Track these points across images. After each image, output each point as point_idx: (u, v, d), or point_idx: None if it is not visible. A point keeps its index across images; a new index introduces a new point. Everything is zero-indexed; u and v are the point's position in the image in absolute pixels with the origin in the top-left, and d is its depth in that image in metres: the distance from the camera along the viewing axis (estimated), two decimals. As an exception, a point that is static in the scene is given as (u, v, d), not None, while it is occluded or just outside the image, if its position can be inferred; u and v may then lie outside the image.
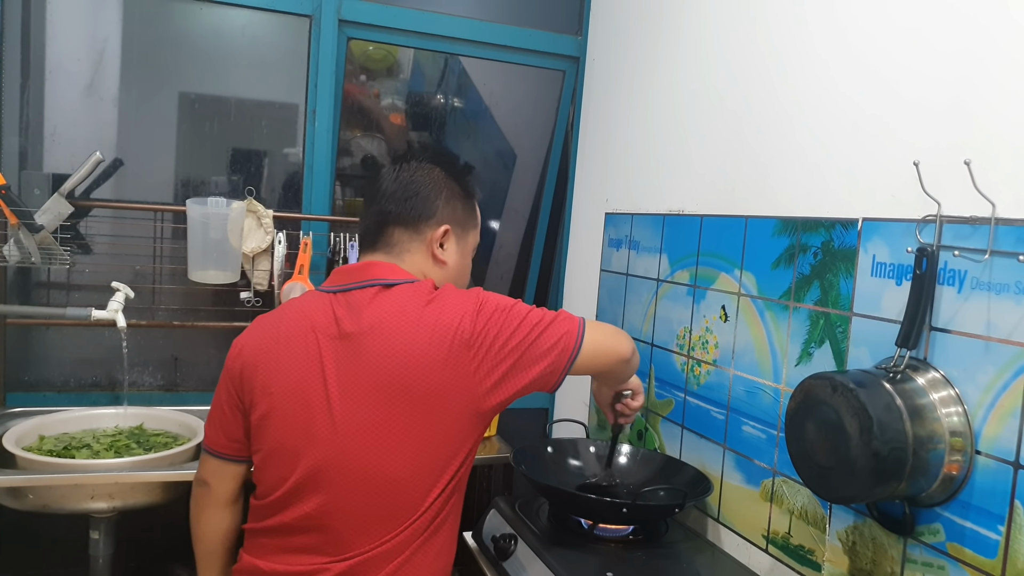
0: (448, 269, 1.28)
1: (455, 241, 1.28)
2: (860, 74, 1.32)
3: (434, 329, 1.14)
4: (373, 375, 1.13)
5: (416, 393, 1.13)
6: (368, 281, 1.20)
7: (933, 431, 1.08)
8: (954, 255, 1.10)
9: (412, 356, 1.13)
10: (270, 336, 1.21)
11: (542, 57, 2.50)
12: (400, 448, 1.14)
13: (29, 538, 2.08)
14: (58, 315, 1.94)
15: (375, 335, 1.14)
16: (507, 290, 2.84)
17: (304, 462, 1.16)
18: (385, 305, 1.16)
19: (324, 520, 1.16)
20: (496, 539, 1.58)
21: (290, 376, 1.17)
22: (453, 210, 1.27)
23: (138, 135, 2.19)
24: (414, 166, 1.26)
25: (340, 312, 1.17)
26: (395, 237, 1.25)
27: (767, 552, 1.48)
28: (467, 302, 1.18)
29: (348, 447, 1.14)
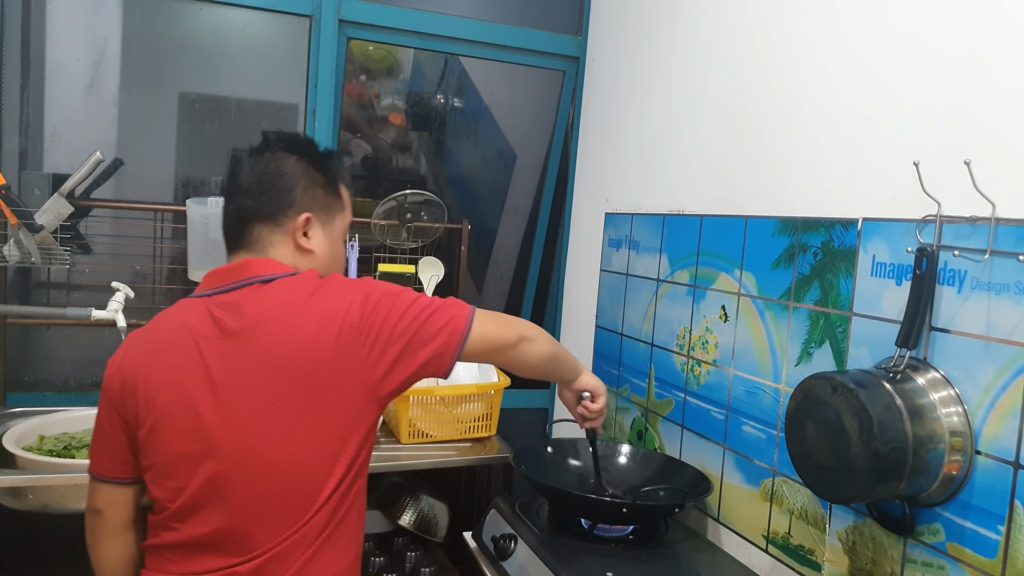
0: (317, 258, 1.25)
1: (320, 228, 1.24)
2: (859, 74, 1.32)
3: (322, 317, 1.12)
4: (260, 367, 1.11)
5: (305, 380, 1.11)
6: (246, 280, 1.16)
7: (933, 431, 1.08)
8: (954, 255, 1.10)
9: (300, 345, 1.10)
10: (145, 350, 1.17)
11: (542, 57, 2.51)
12: (293, 435, 1.12)
13: (29, 538, 2.08)
14: (58, 315, 1.94)
15: (261, 329, 1.11)
16: (507, 290, 2.84)
17: (200, 468, 1.13)
18: (268, 299, 1.14)
19: (227, 522, 1.14)
20: (496, 539, 1.59)
21: (172, 385, 1.14)
22: (314, 197, 1.23)
23: (138, 135, 2.19)
24: (267, 157, 1.21)
25: (219, 313, 1.14)
26: (255, 234, 1.20)
27: (767, 552, 1.48)
28: (355, 290, 1.16)
29: (241, 443, 1.12)
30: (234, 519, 1.14)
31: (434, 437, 2.08)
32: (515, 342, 1.28)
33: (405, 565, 2.10)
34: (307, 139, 1.27)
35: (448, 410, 2.06)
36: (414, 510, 2.14)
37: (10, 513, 1.70)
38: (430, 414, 2.05)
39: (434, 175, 2.73)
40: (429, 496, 2.19)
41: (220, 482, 1.13)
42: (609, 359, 2.12)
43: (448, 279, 2.44)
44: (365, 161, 2.63)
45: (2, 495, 1.66)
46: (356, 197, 2.61)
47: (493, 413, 2.13)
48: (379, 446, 2.03)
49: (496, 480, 2.13)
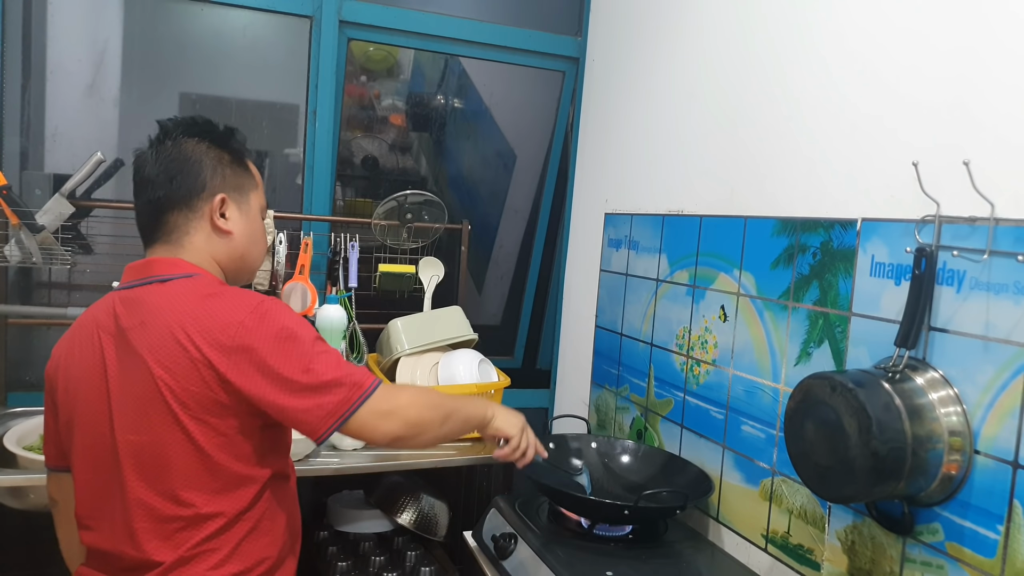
0: (236, 238, 1.22)
1: (236, 208, 1.22)
2: (859, 74, 1.32)
3: (201, 328, 1.08)
4: (140, 368, 1.09)
5: (172, 388, 1.08)
6: (148, 278, 1.15)
7: (932, 431, 1.08)
8: (953, 255, 1.11)
9: (172, 350, 1.08)
10: (67, 343, 1.19)
11: (542, 58, 2.51)
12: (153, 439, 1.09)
13: (30, 538, 2.08)
14: (59, 315, 1.94)
15: (145, 329, 1.10)
16: (507, 290, 2.85)
17: (95, 466, 1.14)
18: (157, 299, 1.12)
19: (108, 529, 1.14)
20: (496, 538, 1.59)
21: (80, 378, 1.15)
22: (223, 177, 1.20)
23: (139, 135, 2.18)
24: (170, 144, 1.19)
25: (119, 308, 1.14)
26: (171, 222, 1.18)
27: (766, 551, 1.48)
28: (246, 306, 1.10)
29: (119, 453, 1.11)
30: (112, 528, 1.13)
31: (434, 437, 2.07)
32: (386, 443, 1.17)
33: (405, 564, 2.11)
34: (205, 120, 1.24)
35: (448, 410, 2.06)
36: (414, 509, 2.14)
37: (11, 513, 1.71)
38: (430, 414, 2.05)
39: (434, 175, 2.74)
40: (429, 495, 2.19)
41: (108, 483, 1.13)
42: (609, 359, 2.12)
43: (448, 279, 2.45)
44: (366, 161, 2.63)
45: (3, 495, 1.66)
46: (357, 198, 2.62)
47: (493, 413, 2.13)
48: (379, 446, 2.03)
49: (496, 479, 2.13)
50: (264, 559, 1.18)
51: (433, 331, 2.19)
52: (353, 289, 2.27)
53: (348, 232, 2.32)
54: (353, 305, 2.27)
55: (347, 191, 2.63)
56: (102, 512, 1.15)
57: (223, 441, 1.11)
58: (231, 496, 1.13)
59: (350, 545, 2.18)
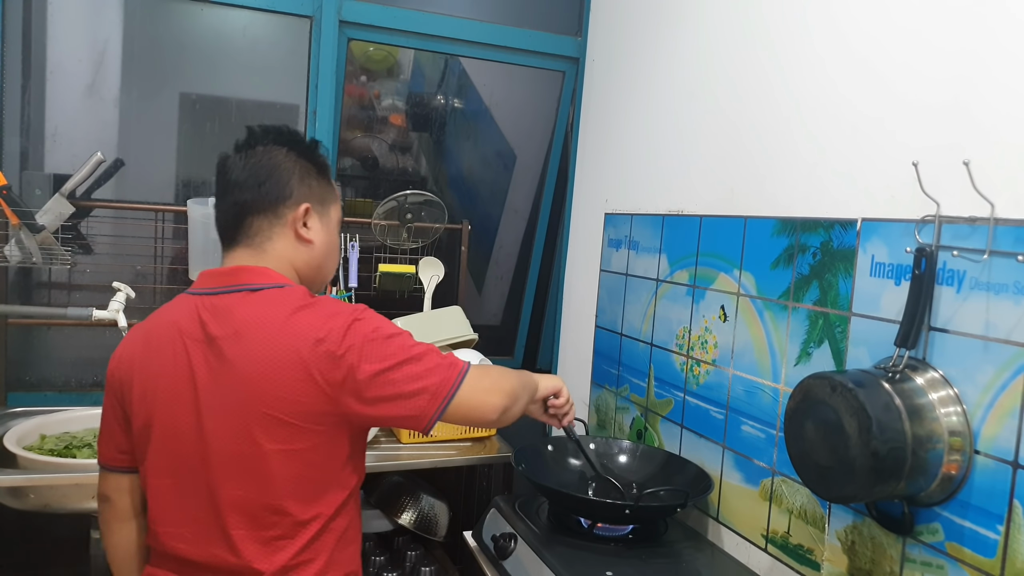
0: (316, 248, 1.24)
1: (318, 218, 1.24)
2: (859, 74, 1.32)
3: (296, 337, 1.10)
4: (234, 381, 1.10)
5: (271, 402, 1.09)
6: (235, 286, 1.16)
7: (932, 431, 1.08)
8: (953, 255, 1.11)
9: (271, 363, 1.09)
10: (141, 344, 1.19)
11: (542, 58, 2.51)
12: (254, 453, 1.11)
13: (30, 538, 2.08)
14: (59, 315, 1.94)
15: (239, 340, 1.11)
16: (507, 290, 2.85)
17: (178, 473, 1.15)
18: (250, 309, 1.12)
19: (194, 536, 1.14)
20: (496, 538, 1.59)
21: (163, 385, 1.15)
22: (309, 188, 1.23)
23: (139, 135, 2.20)
24: (260, 151, 1.21)
25: (205, 316, 1.14)
26: (255, 226, 1.20)
27: (766, 551, 1.48)
28: (340, 315, 1.13)
29: (208, 453, 1.12)
30: (199, 534, 1.14)
31: (434, 436, 2.08)
32: (496, 417, 1.22)
33: (405, 564, 2.11)
34: (293, 130, 1.27)
35: (448, 410, 2.06)
36: (414, 509, 2.15)
37: (11, 513, 1.70)
38: (430, 414, 2.05)
39: (434, 175, 2.74)
40: (429, 495, 2.20)
41: (196, 490, 1.14)
42: (609, 359, 2.12)
43: (448, 279, 2.45)
44: (366, 162, 2.63)
45: (3, 495, 1.66)
46: (356, 198, 2.62)
47: (493, 413, 2.13)
48: (379, 446, 2.03)
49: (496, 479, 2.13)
50: (352, 572, 1.21)
51: (433, 331, 2.19)
52: (353, 289, 2.27)
53: (348, 232, 2.32)
54: (353, 305, 2.27)
55: (347, 191, 2.64)
56: (188, 518, 1.15)
57: (322, 449, 1.13)
58: (324, 502, 1.15)
59: (350, 545, 2.18)
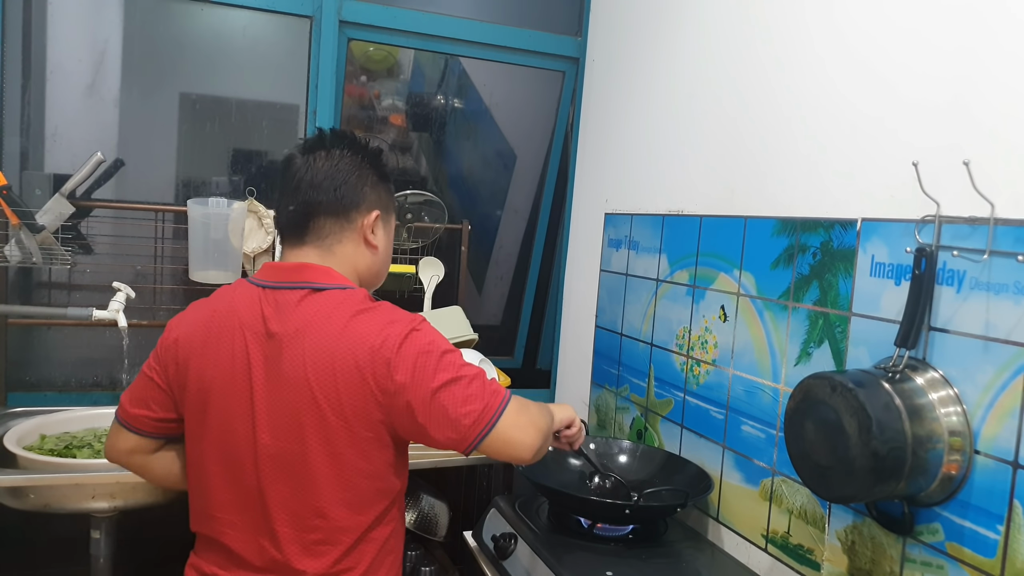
0: (379, 254, 1.28)
1: (383, 225, 1.28)
2: (859, 74, 1.32)
3: (356, 342, 1.11)
4: (293, 379, 1.12)
5: (327, 403, 1.11)
6: (300, 283, 1.17)
7: (932, 431, 1.08)
8: (953, 255, 1.11)
9: (329, 366, 1.11)
10: (202, 327, 1.20)
11: (542, 58, 2.51)
12: (312, 454, 1.13)
13: (30, 538, 2.08)
14: (59, 315, 1.94)
15: (300, 339, 1.12)
16: (507, 290, 2.85)
17: (234, 462, 1.17)
18: (312, 309, 1.14)
19: (243, 525, 1.17)
20: (496, 538, 1.59)
21: (220, 374, 1.17)
22: (379, 195, 1.26)
23: (139, 135, 2.20)
24: (337, 154, 1.23)
25: (267, 310, 1.16)
26: (326, 228, 1.22)
27: (766, 551, 1.48)
28: (398, 323, 1.14)
29: (267, 448, 1.14)
30: (248, 524, 1.16)
31: (434, 437, 2.07)
32: (528, 457, 1.20)
33: (405, 564, 2.11)
34: (359, 137, 1.29)
35: (448, 410, 2.06)
36: (414, 509, 2.15)
37: (11, 513, 1.70)
38: (430, 414, 2.05)
39: (434, 175, 2.74)
40: (429, 495, 2.20)
41: (245, 481, 1.16)
42: (609, 359, 2.12)
43: (448, 279, 2.45)
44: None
45: (3, 495, 1.66)
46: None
47: (493, 413, 2.13)
48: (379, 446, 2.03)
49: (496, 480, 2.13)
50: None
51: (433, 331, 2.19)
52: (353, 289, 2.27)
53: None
54: (353, 305, 2.26)
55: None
56: (239, 507, 1.17)
57: (369, 456, 1.14)
58: (367, 511, 1.16)
59: (350, 545, 2.18)
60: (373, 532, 1.18)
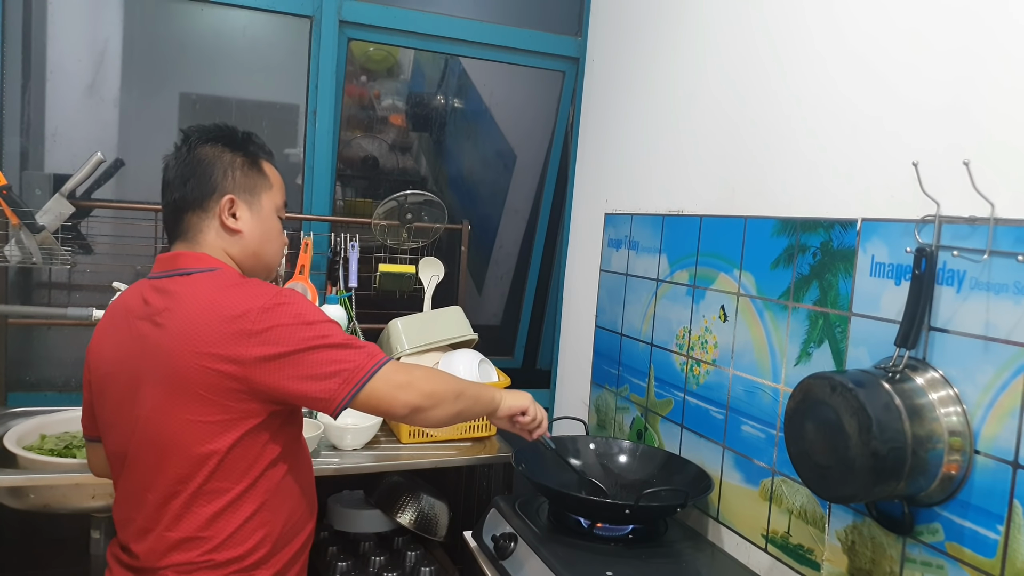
0: (246, 237, 1.28)
1: (247, 208, 1.28)
2: (859, 74, 1.32)
3: (221, 312, 1.14)
4: (161, 354, 1.15)
5: (188, 372, 1.13)
6: (174, 270, 1.22)
7: (932, 431, 1.08)
8: (953, 255, 1.11)
9: (191, 335, 1.13)
10: (101, 326, 1.28)
11: (542, 58, 2.51)
12: (169, 421, 1.16)
13: (30, 537, 2.08)
14: (59, 315, 1.94)
15: (169, 314, 1.16)
16: (507, 290, 2.85)
17: (119, 442, 1.22)
18: (183, 289, 1.18)
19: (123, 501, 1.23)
20: (496, 538, 1.59)
21: (110, 358, 1.23)
22: (234, 179, 1.27)
23: (139, 135, 2.20)
24: (184, 150, 1.27)
25: (148, 295, 1.21)
26: (188, 222, 1.26)
27: (766, 551, 1.48)
28: (265, 295, 1.17)
29: (133, 422, 1.18)
30: (124, 499, 1.23)
31: (434, 436, 2.08)
32: (404, 414, 1.23)
33: (405, 564, 2.11)
34: (225, 127, 1.32)
35: (448, 410, 2.06)
36: (414, 509, 2.15)
37: (11, 513, 1.70)
38: (430, 414, 2.05)
39: (434, 175, 2.74)
40: (429, 495, 2.20)
41: (124, 460, 1.22)
42: (609, 359, 2.12)
43: (448, 279, 2.45)
44: (366, 161, 2.63)
45: (3, 494, 1.66)
46: (357, 198, 2.62)
47: (493, 413, 2.13)
48: (379, 446, 2.03)
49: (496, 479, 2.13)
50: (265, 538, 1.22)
51: (433, 331, 2.19)
52: (353, 289, 2.27)
53: (348, 232, 2.32)
54: (353, 305, 2.27)
55: (347, 191, 2.63)
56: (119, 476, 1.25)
57: (234, 425, 1.16)
58: (232, 479, 1.18)
59: (350, 545, 2.18)
60: (240, 501, 1.19)
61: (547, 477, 1.64)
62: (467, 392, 1.32)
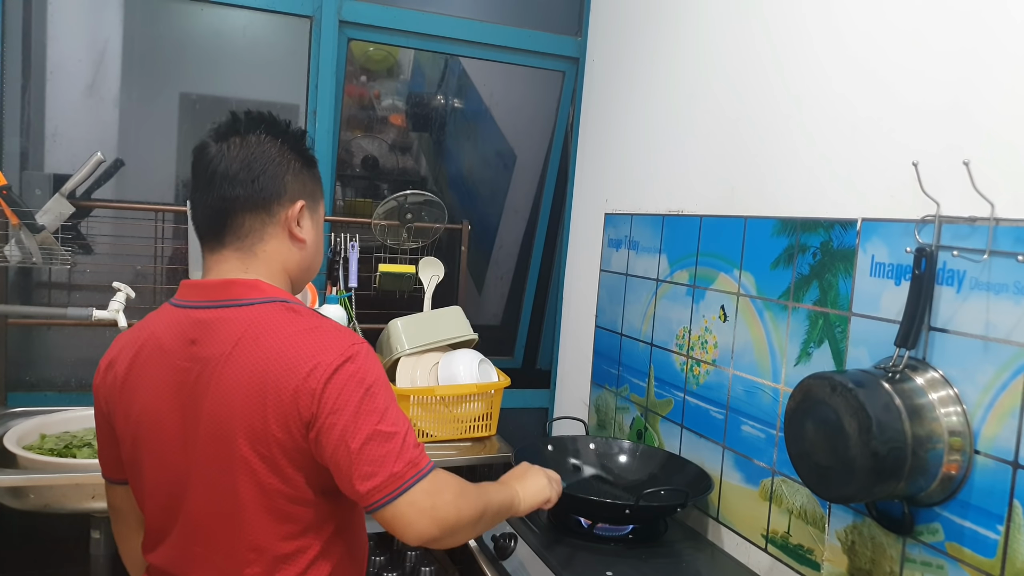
0: (307, 247, 1.14)
1: (309, 216, 1.14)
2: (858, 74, 1.32)
3: (286, 366, 0.99)
4: (219, 410, 1.01)
5: (251, 429, 1.00)
6: (226, 301, 1.05)
7: (932, 431, 1.08)
8: (953, 255, 1.11)
9: (255, 388, 0.99)
10: (128, 359, 1.10)
11: (542, 58, 2.51)
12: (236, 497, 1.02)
13: (30, 538, 2.08)
14: (59, 315, 1.94)
15: (229, 362, 1.01)
16: (507, 290, 2.85)
17: (167, 496, 1.07)
18: (240, 328, 1.02)
19: (175, 558, 1.08)
20: (496, 538, 1.59)
21: (147, 405, 1.07)
22: (303, 183, 1.13)
23: (139, 135, 2.20)
24: (252, 140, 1.09)
25: (192, 334, 1.05)
26: (246, 226, 1.08)
27: (766, 551, 1.48)
28: (334, 349, 1.00)
29: (193, 485, 1.04)
30: (180, 558, 1.08)
31: (434, 437, 2.08)
32: (416, 544, 1.03)
33: (405, 564, 2.11)
34: (279, 118, 1.15)
35: (448, 410, 2.07)
36: (414, 510, 2.14)
37: (11, 513, 1.70)
38: (430, 413, 2.05)
39: (434, 175, 2.74)
40: (429, 496, 2.19)
41: (178, 515, 1.07)
42: (609, 359, 2.12)
43: (448, 279, 2.45)
44: (366, 161, 2.63)
45: (3, 495, 1.66)
46: (357, 198, 2.62)
47: (493, 412, 2.14)
48: (379, 446, 2.03)
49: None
50: None
51: (433, 331, 2.19)
52: (353, 289, 2.27)
53: (348, 232, 2.32)
54: (353, 305, 2.27)
55: (347, 191, 2.64)
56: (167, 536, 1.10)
57: (294, 485, 1.03)
58: (298, 543, 1.05)
59: (350, 545, 2.18)
60: (316, 565, 1.06)
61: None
62: (488, 513, 1.13)
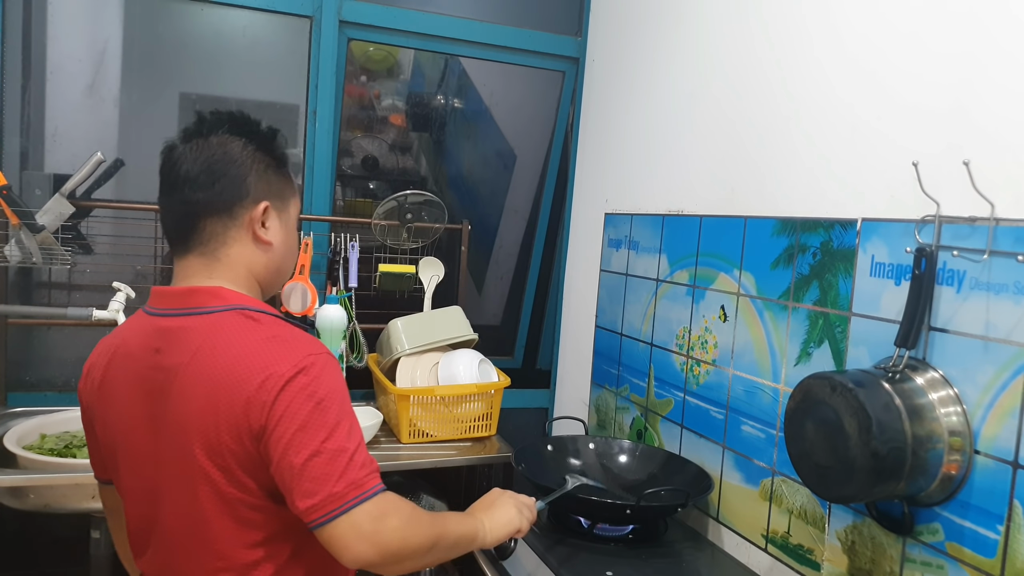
0: (275, 250, 1.12)
1: (277, 217, 1.11)
2: (858, 75, 1.32)
3: (241, 376, 0.97)
4: (178, 419, 1.00)
5: (212, 437, 0.98)
6: (190, 309, 1.04)
7: (932, 431, 1.08)
8: (953, 255, 1.11)
9: (213, 394, 0.98)
10: (103, 365, 1.10)
11: (542, 58, 2.51)
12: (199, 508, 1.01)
13: (30, 538, 2.08)
14: (59, 315, 1.94)
15: (186, 371, 1.00)
16: (507, 290, 2.85)
17: (142, 503, 1.08)
18: (203, 337, 1.01)
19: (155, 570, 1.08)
20: (496, 538, 1.59)
21: (121, 412, 1.07)
22: (268, 183, 1.09)
23: (139, 135, 2.20)
24: (214, 142, 1.06)
25: (158, 343, 1.04)
26: (208, 230, 1.06)
27: (766, 551, 1.48)
28: (290, 360, 0.98)
29: (164, 494, 1.04)
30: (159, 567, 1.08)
31: (434, 437, 2.08)
32: (353, 566, 0.98)
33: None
34: (247, 116, 1.13)
35: (448, 410, 2.07)
36: (414, 510, 2.14)
37: (11, 513, 1.71)
38: (430, 413, 2.05)
39: (434, 175, 2.74)
40: (429, 495, 2.20)
41: (155, 523, 1.07)
42: (609, 359, 2.12)
43: (448, 279, 2.45)
44: (366, 162, 2.63)
45: (3, 494, 1.66)
46: (357, 198, 2.62)
47: (493, 412, 2.14)
48: (379, 445, 2.03)
49: (496, 480, 2.13)
50: None
51: (433, 331, 2.19)
52: (353, 289, 2.28)
53: (348, 232, 2.32)
54: (353, 305, 2.27)
55: (347, 191, 2.64)
56: (149, 544, 1.10)
57: (250, 492, 1.01)
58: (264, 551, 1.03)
59: (350, 545, 2.18)
60: (268, 562, 1.04)
61: (547, 477, 1.64)
62: (442, 544, 1.08)
